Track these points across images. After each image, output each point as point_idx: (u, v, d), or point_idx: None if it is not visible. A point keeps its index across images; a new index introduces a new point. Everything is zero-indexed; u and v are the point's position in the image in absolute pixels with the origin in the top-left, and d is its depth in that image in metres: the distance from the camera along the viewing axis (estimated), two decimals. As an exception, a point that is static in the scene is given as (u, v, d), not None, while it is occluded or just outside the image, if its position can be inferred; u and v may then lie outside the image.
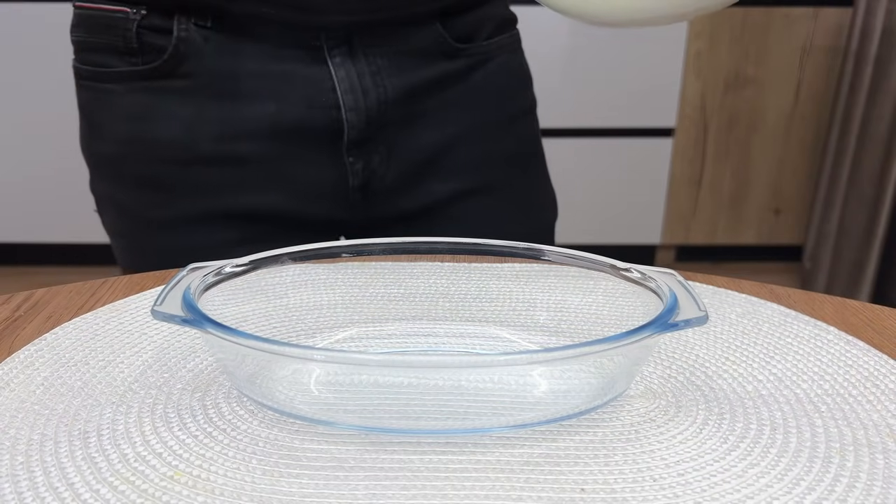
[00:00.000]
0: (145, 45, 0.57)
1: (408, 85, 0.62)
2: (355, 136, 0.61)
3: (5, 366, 0.39)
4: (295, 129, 0.60)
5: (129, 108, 0.60)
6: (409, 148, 0.64)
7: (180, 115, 0.59)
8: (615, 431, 0.34)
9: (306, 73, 0.59)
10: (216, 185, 0.61)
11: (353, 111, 0.60)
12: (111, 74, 0.59)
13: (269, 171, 0.61)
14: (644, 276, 0.39)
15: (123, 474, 0.30)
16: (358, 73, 0.60)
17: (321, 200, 0.63)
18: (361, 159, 0.62)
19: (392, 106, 0.62)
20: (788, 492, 0.30)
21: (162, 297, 0.35)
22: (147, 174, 0.61)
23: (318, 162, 0.62)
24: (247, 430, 0.34)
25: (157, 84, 0.58)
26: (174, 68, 0.57)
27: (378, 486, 0.30)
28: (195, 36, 0.57)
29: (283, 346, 0.32)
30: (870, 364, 0.40)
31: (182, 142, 0.59)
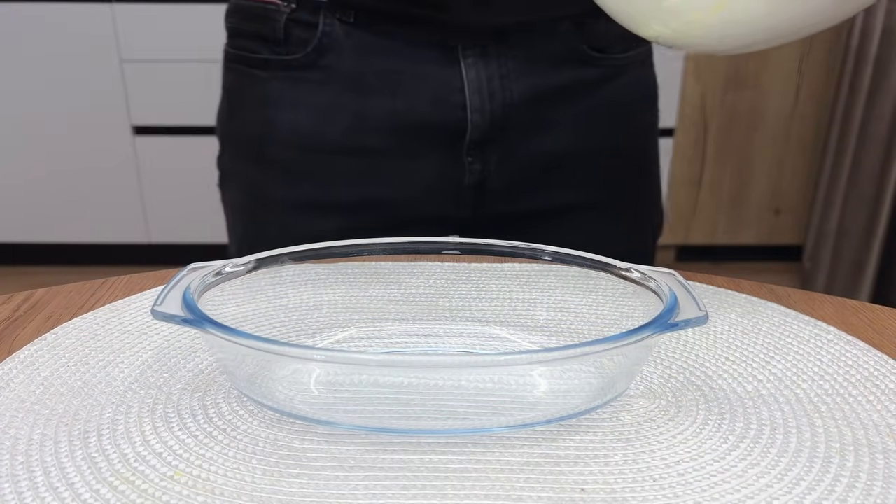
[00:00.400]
0: (291, 37, 0.60)
1: (535, 90, 0.62)
2: (477, 136, 0.62)
3: (5, 366, 0.39)
4: (420, 125, 0.62)
5: (268, 93, 0.62)
6: (528, 153, 0.64)
7: (314, 105, 0.61)
8: (615, 431, 0.34)
9: (438, 73, 0.60)
10: (339, 174, 0.63)
11: (478, 112, 0.61)
12: (256, 60, 0.62)
13: (389, 165, 0.63)
14: (644, 276, 0.39)
15: (123, 474, 0.30)
16: (488, 75, 0.60)
17: (434, 196, 0.65)
18: (480, 159, 0.63)
19: (517, 110, 0.62)
20: (788, 492, 0.30)
21: (162, 296, 0.35)
22: (276, 157, 0.64)
23: (438, 159, 0.63)
24: (247, 430, 0.34)
25: (297, 74, 0.61)
26: (315, 60, 0.60)
27: (378, 486, 0.30)
28: (338, 31, 0.59)
29: (283, 345, 0.32)
30: (870, 364, 0.40)
31: (313, 130, 0.62)
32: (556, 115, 0.63)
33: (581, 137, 0.65)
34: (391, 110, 0.61)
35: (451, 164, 0.63)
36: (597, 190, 0.67)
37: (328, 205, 0.64)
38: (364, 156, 0.62)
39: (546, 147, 0.64)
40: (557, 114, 0.63)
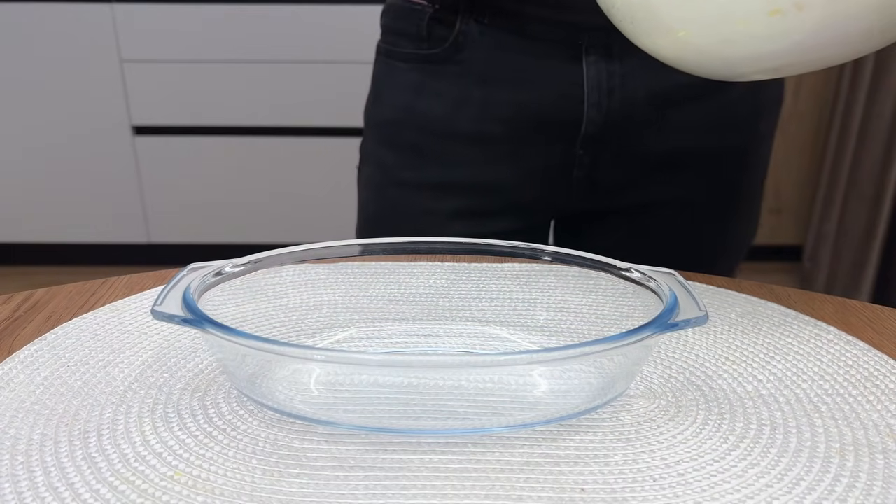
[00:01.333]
0: (433, 34, 0.66)
1: (657, 89, 0.64)
2: (592, 131, 0.65)
3: (5, 366, 0.39)
4: (540, 118, 0.65)
5: (408, 82, 0.69)
6: (641, 151, 0.66)
7: (448, 95, 0.67)
8: (615, 431, 0.34)
9: (561, 68, 0.64)
10: (463, 158, 0.68)
11: (594, 107, 0.64)
12: (401, 54, 0.69)
13: (510, 151, 0.67)
14: (644, 277, 0.39)
15: (123, 474, 0.30)
16: (609, 73, 0.63)
17: (545, 184, 0.68)
18: (591, 153, 0.66)
19: (636, 108, 0.64)
20: (788, 492, 0.30)
21: (162, 296, 0.35)
22: (411, 141, 0.69)
23: (552, 149, 0.67)
24: (247, 430, 0.34)
25: (435, 67, 0.67)
26: (451, 55, 0.65)
27: (378, 486, 0.30)
28: (473, 30, 0.64)
29: (283, 346, 0.32)
30: (870, 364, 0.40)
31: (445, 118, 0.67)
32: (677, 115, 0.65)
33: (699, 141, 0.67)
34: (516, 101, 0.65)
35: (563, 155, 0.67)
36: (703, 189, 0.69)
37: (450, 186, 0.69)
38: (486, 142, 0.67)
39: (661, 146, 0.66)
40: (678, 114, 0.65)
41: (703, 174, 0.68)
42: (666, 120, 0.65)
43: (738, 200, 0.72)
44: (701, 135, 0.67)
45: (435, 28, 0.66)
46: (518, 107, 0.65)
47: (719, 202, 0.71)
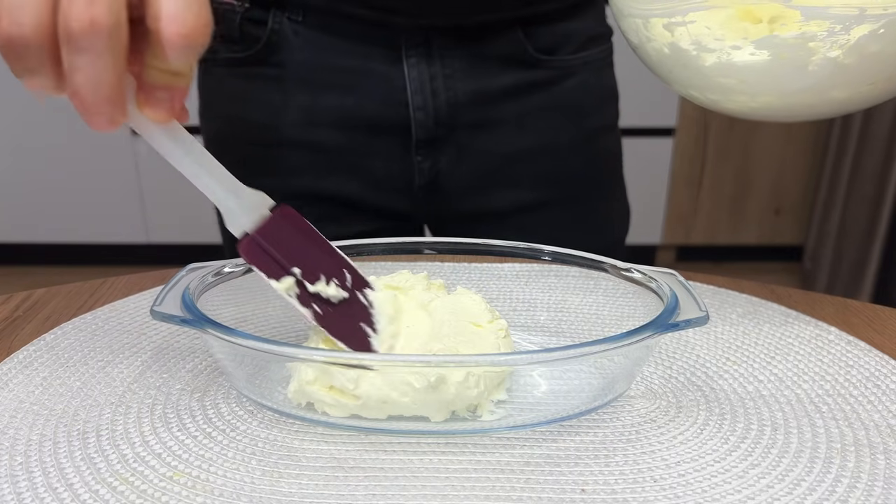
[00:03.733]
0: (245, 35, 0.63)
1: (481, 90, 0.63)
2: (423, 135, 0.63)
3: (4, 366, 0.39)
4: (369, 123, 0.63)
5: (229, 91, 0.66)
6: (480, 152, 0.65)
7: (270, 101, 0.64)
8: (616, 432, 0.34)
9: (382, 71, 0.61)
10: (298, 167, 0.65)
11: (421, 110, 0.62)
12: (218, 60, 0.65)
13: (346, 160, 0.65)
14: (645, 277, 0.39)
15: (122, 475, 0.30)
16: (431, 74, 0.61)
17: (391, 193, 0.66)
18: (429, 158, 0.64)
19: (462, 109, 0.63)
20: (789, 492, 0.30)
21: (161, 297, 0.35)
22: (241, 152, 0.67)
23: (389, 156, 0.64)
24: (246, 431, 0.34)
25: (253, 70, 0.64)
26: (267, 57, 0.62)
27: (378, 486, 0.30)
28: (287, 29, 0.61)
29: (282, 346, 0.32)
30: (870, 364, 0.40)
31: (270, 125, 0.64)
32: (507, 115, 0.64)
33: (534, 137, 0.65)
34: (341, 106, 0.63)
35: (402, 162, 0.65)
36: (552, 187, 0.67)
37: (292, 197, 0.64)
38: (317, 150, 0.64)
39: (498, 147, 0.65)
40: (504, 113, 0.64)
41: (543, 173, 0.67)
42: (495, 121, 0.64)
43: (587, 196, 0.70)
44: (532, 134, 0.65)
45: (247, 28, 0.62)
46: (344, 112, 0.63)
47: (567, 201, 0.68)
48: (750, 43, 0.37)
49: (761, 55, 0.38)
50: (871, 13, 0.35)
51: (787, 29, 0.36)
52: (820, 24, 0.36)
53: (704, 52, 0.39)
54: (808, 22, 0.36)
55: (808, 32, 0.36)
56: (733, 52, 0.38)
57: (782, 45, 0.37)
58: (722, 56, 0.39)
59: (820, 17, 0.36)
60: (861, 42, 0.36)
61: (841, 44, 0.36)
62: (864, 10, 0.35)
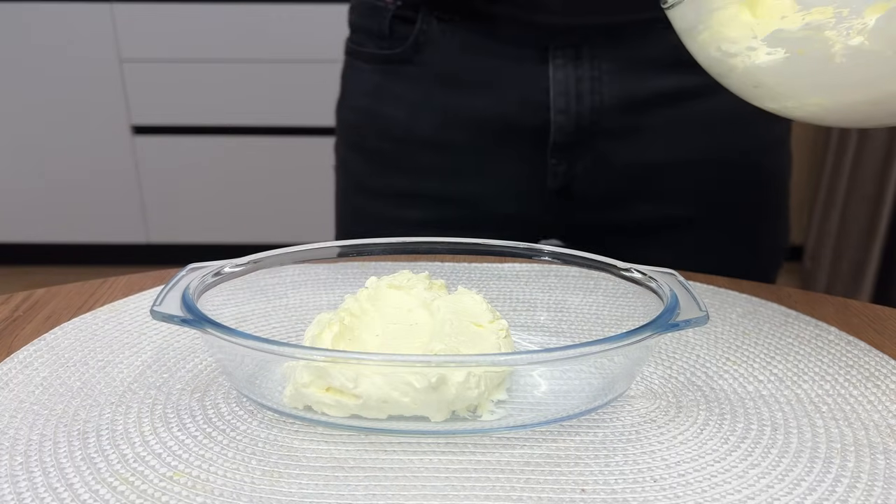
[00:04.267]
0: (394, 33, 0.63)
1: (629, 95, 0.60)
2: (561, 139, 0.61)
3: (4, 366, 0.39)
4: (505, 124, 0.62)
5: (368, 84, 0.66)
6: (622, 161, 0.62)
7: (408, 99, 0.64)
8: (616, 432, 0.34)
9: (526, 72, 0.60)
10: (429, 167, 0.65)
11: (562, 114, 0.60)
12: (363, 54, 0.66)
13: (477, 161, 0.64)
14: (644, 277, 0.39)
15: (122, 475, 0.30)
16: (577, 77, 0.59)
17: (519, 197, 0.65)
18: (564, 163, 0.62)
19: (607, 115, 0.60)
20: (789, 492, 0.30)
21: (161, 297, 0.35)
22: (373, 146, 0.67)
23: (522, 159, 0.63)
24: (246, 431, 0.34)
25: (395, 68, 0.64)
26: (411, 56, 0.63)
27: (378, 486, 0.30)
28: (434, 29, 0.62)
29: (282, 346, 0.32)
30: (871, 364, 0.40)
31: (405, 123, 0.64)
32: (652, 122, 0.61)
33: (686, 149, 0.62)
34: (478, 108, 0.62)
35: (535, 166, 0.63)
36: (694, 205, 0.63)
37: (415, 196, 0.66)
38: (450, 151, 0.64)
39: (644, 156, 0.62)
40: (653, 121, 0.61)
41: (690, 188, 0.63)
42: (642, 129, 0.61)
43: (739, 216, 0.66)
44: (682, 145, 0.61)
45: (397, 26, 0.63)
46: (481, 113, 0.62)
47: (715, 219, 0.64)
48: (761, 42, 0.34)
49: (777, 53, 0.34)
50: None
51: (790, 21, 0.33)
52: (823, 11, 0.31)
53: (730, 58, 0.36)
54: (808, 10, 0.32)
55: (814, 21, 0.32)
56: (752, 55, 0.35)
57: (793, 40, 0.33)
58: (745, 60, 0.35)
59: (820, 4, 0.31)
60: (881, 24, 0.31)
61: (858, 29, 0.31)
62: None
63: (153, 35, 2.02)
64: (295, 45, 2.03)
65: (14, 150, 2.13)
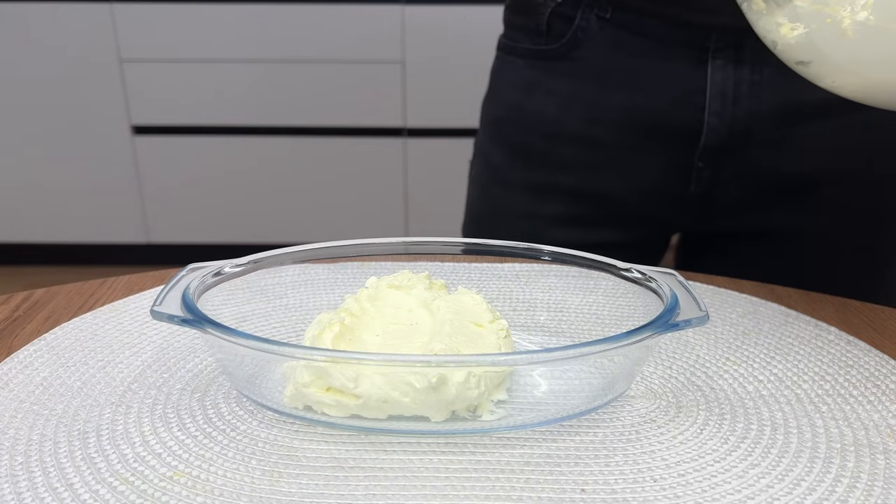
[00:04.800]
0: (552, 29, 0.63)
1: (787, 102, 0.58)
2: (713, 142, 0.59)
3: (4, 366, 0.39)
4: (655, 123, 0.61)
5: (521, 79, 0.66)
6: (769, 170, 0.60)
7: (558, 93, 0.64)
8: (616, 432, 0.34)
9: (682, 72, 0.59)
10: (573, 162, 0.64)
11: (716, 116, 0.58)
12: (518, 49, 0.66)
13: (620, 159, 0.63)
14: (644, 277, 0.39)
15: (122, 475, 0.30)
16: (736, 79, 0.58)
17: (659, 198, 0.64)
18: (711, 167, 0.61)
19: (763, 121, 0.58)
20: (789, 492, 0.30)
21: (161, 297, 0.35)
22: (519, 140, 0.67)
23: (669, 159, 0.62)
24: (246, 431, 0.34)
25: (550, 64, 0.64)
26: (568, 52, 0.63)
27: (378, 486, 0.30)
28: (593, 26, 0.61)
29: (283, 346, 0.32)
30: (870, 364, 0.40)
31: (554, 119, 0.64)
32: (807, 132, 0.59)
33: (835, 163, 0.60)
34: (628, 105, 0.61)
35: (679, 167, 0.61)
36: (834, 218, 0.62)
37: (554, 190, 0.66)
38: (596, 147, 0.63)
39: (790, 167, 0.60)
40: (808, 132, 0.59)
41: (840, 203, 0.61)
42: (797, 136, 0.59)
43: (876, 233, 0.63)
44: (839, 157, 0.59)
45: (554, 22, 0.62)
46: (630, 110, 0.61)
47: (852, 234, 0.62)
48: (783, 16, 0.34)
49: (799, 28, 0.34)
50: None
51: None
52: None
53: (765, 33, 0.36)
54: None
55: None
56: (780, 30, 0.35)
57: (807, 15, 0.33)
58: (776, 36, 0.35)
59: None
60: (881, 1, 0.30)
61: (862, 3, 0.31)
62: None
63: (153, 35, 2.02)
64: (296, 45, 2.03)
65: (14, 150, 2.13)
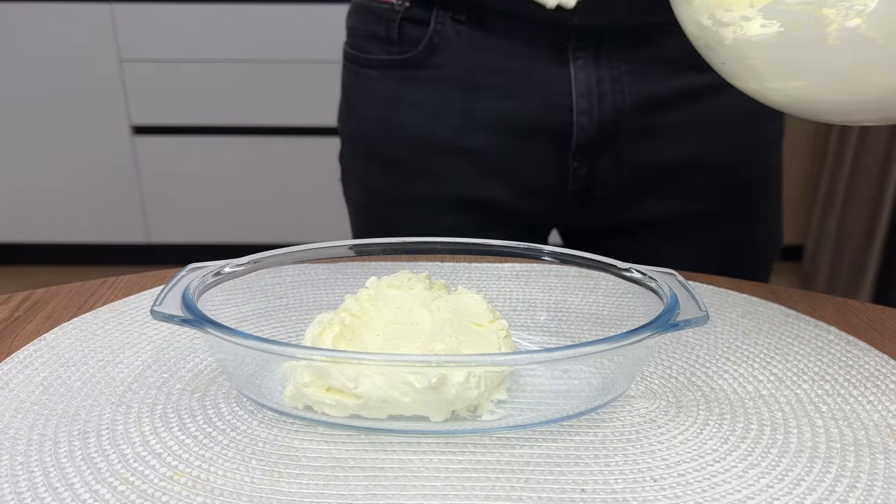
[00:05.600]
0: (404, 36, 0.61)
1: (649, 94, 0.60)
2: (584, 140, 0.60)
3: (5, 366, 0.39)
4: (527, 127, 0.61)
5: (381, 93, 0.63)
6: (640, 160, 0.62)
7: (426, 105, 0.62)
8: (616, 432, 0.34)
9: (546, 73, 0.59)
10: (451, 172, 0.63)
11: (585, 115, 0.60)
12: (370, 60, 0.63)
13: (498, 165, 0.63)
14: (644, 276, 0.39)
15: (123, 475, 0.30)
16: (598, 77, 0.59)
17: (540, 199, 0.64)
18: (586, 165, 0.62)
19: (629, 114, 0.60)
20: (789, 492, 0.30)
21: (161, 297, 0.35)
22: (391, 156, 0.65)
23: (544, 162, 0.62)
24: (246, 431, 0.34)
25: (409, 73, 0.62)
26: (426, 59, 0.61)
27: (378, 486, 0.30)
28: (449, 30, 0.60)
29: (282, 346, 0.32)
30: (870, 364, 0.40)
31: (425, 130, 0.62)
32: (672, 121, 0.61)
33: (698, 146, 0.62)
34: (499, 110, 0.61)
35: (557, 168, 0.62)
36: (713, 200, 0.64)
37: (440, 203, 0.65)
38: (473, 155, 0.62)
39: (659, 155, 0.62)
40: (673, 121, 0.61)
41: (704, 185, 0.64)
42: (661, 128, 0.61)
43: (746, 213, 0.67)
44: (703, 141, 0.62)
45: (406, 29, 0.60)
46: (503, 116, 0.61)
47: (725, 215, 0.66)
48: (758, 12, 0.33)
49: (772, 26, 0.33)
50: None
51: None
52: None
53: (721, 27, 0.35)
54: None
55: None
56: (745, 25, 0.34)
57: (791, 14, 0.32)
58: (737, 31, 0.35)
59: None
60: (883, 9, 0.30)
61: (858, 10, 0.30)
62: None
63: (153, 35, 2.02)
64: (295, 45, 2.03)
65: (14, 150, 2.13)
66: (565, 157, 0.61)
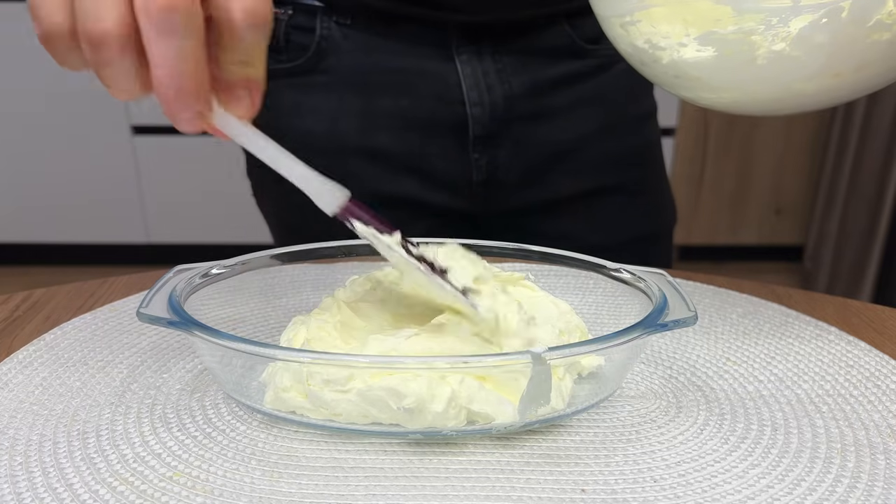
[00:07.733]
0: (292, 44, 0.61)
1: (534, 81, 0.63)
2: (480, 131, 0.63)
3: (4, 366, 0.39)
4: (425, 122, 0.63)
5: (276, 102, 0.63)
6: (535, 143, 0.65)
7: (325, 109, 0.63)
8: (616, 432, 0.34)
9: (435, 70, 0.61)
10: (359, 173, 0.64)
11: (477, 106, 0.62)
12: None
13: (404, 162, 0.64)
14: (634, 277, 0.39)
15: (122, 475, 0.30)
16: (483, 70, 0.61)
17: (449, 191, 0.66)
18: (486, 155, 0.64)
19: (518, 101, 0.63)
20: (789, 492, 0.30)
21: (148, 299, 0.35)
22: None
23: (447, 155, 0.64)
24: (245, 432, 0.34)
25: (302, 80, 0.62)
26: (315, 65, 0.62)
27: (378, 486, 0.30)
28: (335, 34, 0.61)
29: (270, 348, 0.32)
30: (871, 364, 0.40)
31: (326, 134, 0.63)
32: (559, 104, 0.65)
33: (586, 124, 0.66)
34: (397, 109, 0.62)
35: (459, 161, 0.64)
36: (608, 172, 0.68)
37: None
38: (377, 155, 0.64)
39: (553, 136, 0.65)
40: (560, 103, 0.65)
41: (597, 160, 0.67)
42: (550, 110, 0.64)
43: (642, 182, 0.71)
44: (588, 120, 0.66)
45: (293, 37, 0.61)
46: (400, 114, 0.62)
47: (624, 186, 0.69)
48: (693, 40, 0.37)
49: (707, 51, 0.37)
50: (805, 3, 0.34)
51: (724, 24, 0.36)
52: (755, 18, 0.35)
53: (658, 50, 0.39)
54: (741, 16, 0.35)
55: (746, 27, 0.35)
56: (682, 50, 0.38)
57: (724, 41, 0.36)
58: (673, 54, 0.38)
59: (753, 11, 0.35)
60: (804, 34, 0.35)
61: (783, 36, 0.35)
62: (798, 1, 0.34)
63: (153, 35, 2.01)
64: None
65: (14, 150, 2.13)
66: (466, 149, 0.64)
